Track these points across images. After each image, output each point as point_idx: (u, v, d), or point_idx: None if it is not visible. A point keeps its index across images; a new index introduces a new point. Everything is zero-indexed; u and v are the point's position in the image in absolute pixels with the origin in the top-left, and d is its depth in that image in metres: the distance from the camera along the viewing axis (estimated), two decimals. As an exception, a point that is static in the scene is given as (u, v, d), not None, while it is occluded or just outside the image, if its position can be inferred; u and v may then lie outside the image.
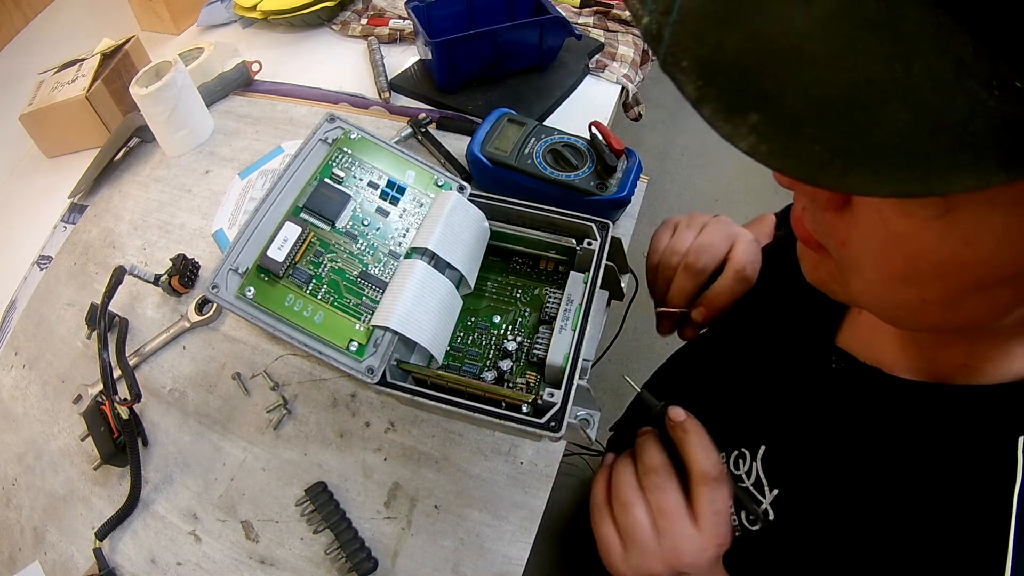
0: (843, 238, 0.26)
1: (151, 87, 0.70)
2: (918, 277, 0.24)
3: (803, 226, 0.29)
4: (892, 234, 0.24)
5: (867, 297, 0.28)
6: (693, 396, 0.55)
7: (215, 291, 0.45)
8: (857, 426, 0.38)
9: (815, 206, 0.27)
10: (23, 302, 0.70)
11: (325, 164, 0.52)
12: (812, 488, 0.38)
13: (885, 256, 0.25)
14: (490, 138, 0.64)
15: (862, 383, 0.38)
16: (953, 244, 0.22)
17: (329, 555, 0.48)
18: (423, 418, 0.54)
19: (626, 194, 0.60)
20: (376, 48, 0.86)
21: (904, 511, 0.33)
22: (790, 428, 0.42)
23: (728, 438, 0.45)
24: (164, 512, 0.53)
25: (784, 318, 0.46)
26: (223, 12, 0.98)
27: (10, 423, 0.61)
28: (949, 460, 0.32)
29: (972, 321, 0.27)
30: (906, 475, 0.34)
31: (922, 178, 0.16)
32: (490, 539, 0.48)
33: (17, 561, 0.53)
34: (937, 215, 0.22)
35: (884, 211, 0.24)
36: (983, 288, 0.24)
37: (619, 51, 0.85)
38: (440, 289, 0.50)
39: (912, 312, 0.27)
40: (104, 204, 0.76)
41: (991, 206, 0.21)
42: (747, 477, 0.42)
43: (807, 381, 0.42)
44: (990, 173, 0.15)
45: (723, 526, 0.37)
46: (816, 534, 0.37)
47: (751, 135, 0.17)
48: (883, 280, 0.26)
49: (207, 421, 0.57)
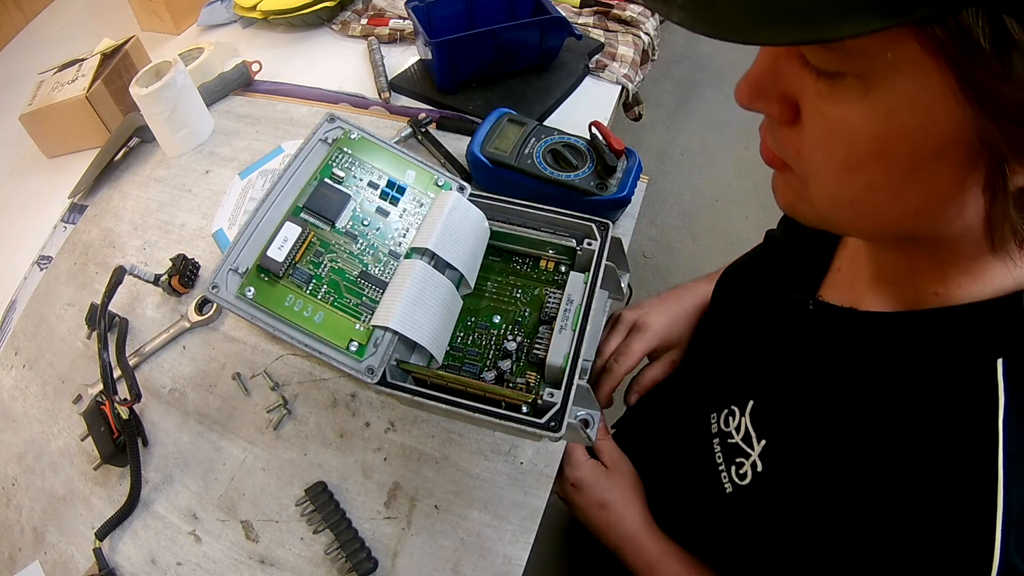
0: (797, 147, 0.30)
1: (151, 87, 0.70)
2: (859, 161, 0.27)
3: (768, 148, 0.33)
4: (830, 124, 0.27)
5: (825, 200, 0.31)
6: (689, 365, 0.60)
7: (215, 291, 0.45)
8: (835, 367, 0.39)
9: (773, 124, 0.31)
10: (23, 302, 0.70)
11: (325, 164, 0.52)
12: (798, 434, 0.39)
13: (829, 147, 0.28)
14: (490, 138, 0.64)
15: (837, 322, 0.40)
16: (878, 118, 0.25)
17: (329, 555, 0.48)
18: (423, 418, 0.54)
19: (626, 194, 0.60)
20: (376, 48, 0.86)
21: (886, 447, 0.33)
22: (775, 379, 0.43)
23: (718, 398, 0.48)
24: (164, 512, 0.53)
25: (769, 283, 0.49)
26: (223, 12, 0.98)
27: (10, 423, 0.61)
28: (928, 389, 0.33)
29: (921, 215, 0.29)
30: (886, 411, 0.34)
31: (814, 29, 0.20)
32: (490, 539, 0.48)
33: (17, 561, 0.53)
34: (860, 96, 0.25)
35: (821, 106, 0.27)
36: (918, 167, 0.26)
37: (619, 51, 0.85)
38: (440, 289, 0.50)
39: (866, 206, 0.29)
40: (104, 204, 0.76)
41: (897, 72, 0.23)
42: (736, 433, 0.44)
43: (787, 330, 0.44)
44: (869, 21, 0.19)
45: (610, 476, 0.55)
46: (804, 480, 0.38)
47: (681, 11, 0.22)
48: (833, 174, 0.29)
49: (207, 421, 0.57)
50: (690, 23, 0.22)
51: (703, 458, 0.46)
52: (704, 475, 0.45)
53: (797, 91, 0.28)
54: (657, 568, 0.51)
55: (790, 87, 0.29)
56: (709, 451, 0.46)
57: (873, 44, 0.23)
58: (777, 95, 0.29)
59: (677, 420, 0.55)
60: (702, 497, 0.46)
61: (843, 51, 0.24)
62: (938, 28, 0.21)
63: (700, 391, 0.52)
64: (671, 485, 0.54)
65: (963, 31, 0.20)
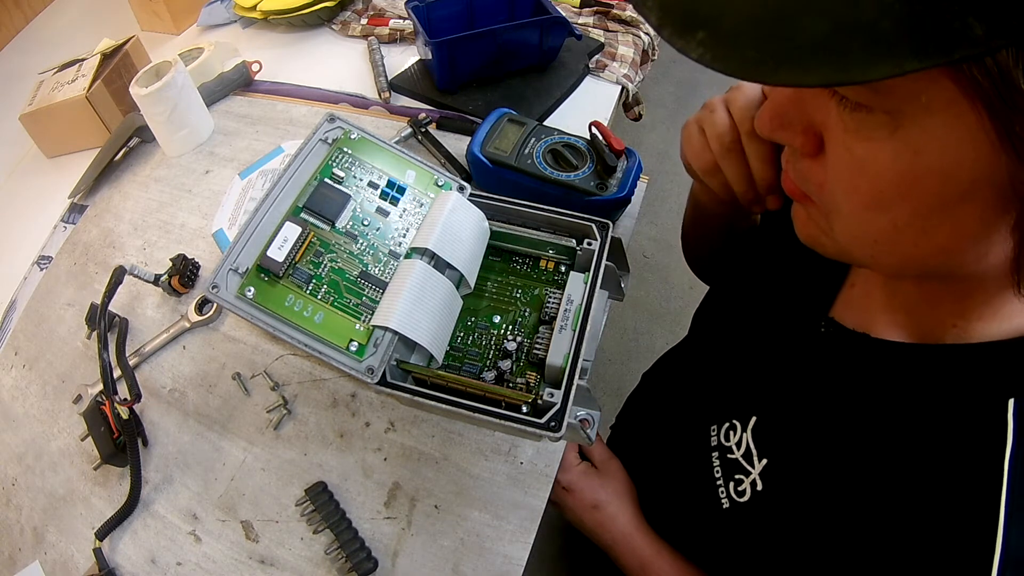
0: (820, 180, 0.29)
1: (151, 87, 0.70)
2: (885, 200, 0.26)
3: (790, 179, 0.32)
4: (856, 161, 0.26)
5: (848, 237, 0.30)
6: (690, 374, 0.58)
7: (215, 291, 0.45)
8: (844, 392, 0.38)
9: (795, 156, 0.30)
10: (23, 302, 0.70)
11: (325, 164, 0.52)
12: (800, 456, 0.38)
13: (854, 184, 0.27)
14: (490, 138, 0.64)
15: (849, 347, 0.39)
16: (906, 157, 0.24)
17: (329, 555, 0.48)
18: (423, 418, 0.54)
19: (626, 194, 0.60)
20: (376, 48, 0.86)
21: (891, 477, 0.33)
22: (780, 397, 0.42)
23: (719, 411, 0.47)
24: (164, 512, 0.53)
25: (780, 295, 0.48)
26: (223, 12, 0.98)
27: (10, 423, 0.61)
28: (937, 423, 0.32)
29: (947, 253, 0.28)
30: (893, 441, 0.34)
31: (843, 69, 0.18)
32: (490, 539, 0.48)
33: (17, 561, 0.53)
34: (889, 133, 0.24)
35: (847, 141, 0.26)
36: (946, 207, 0.25)
37: (619, 51, 0.85)
38: (440, 289, 0.50)
39: (890, 245, 0.29)
40: (104, 204, 0.76)
41: (929, 112, 0.23)
42: (737, 448, 0.43)
43: (796, 349, 0.43)
44: (904, 61, 0.18)
45: (605, 482, 0.56)
46: (804, 503, 0.37)
47: (699, 47, 0.21)
48: (857, 212, 0.28)
49: (207, 421, 0.57)
50: (709, 61, 0.21)
51: (701, 471, 0.45)
52: (701, 488, 0.45)
53: (822, 122, 0.28)
54: (650, 567, 0.51)
55: (815, 117, 0.28)
56: (707, 464, 0.45)
57: (905, 82, 0.22)
58: (801, 125, 0.28)
59: (676, 429, 0.54)
60: (698, 510, 0.46)
61: (872, 88, 0.23)
62: (975, 69, 0.20)
63: (701, 400, 0.51)
64: (667, 495, 0.53)
65: (1002, 73, 0.19)
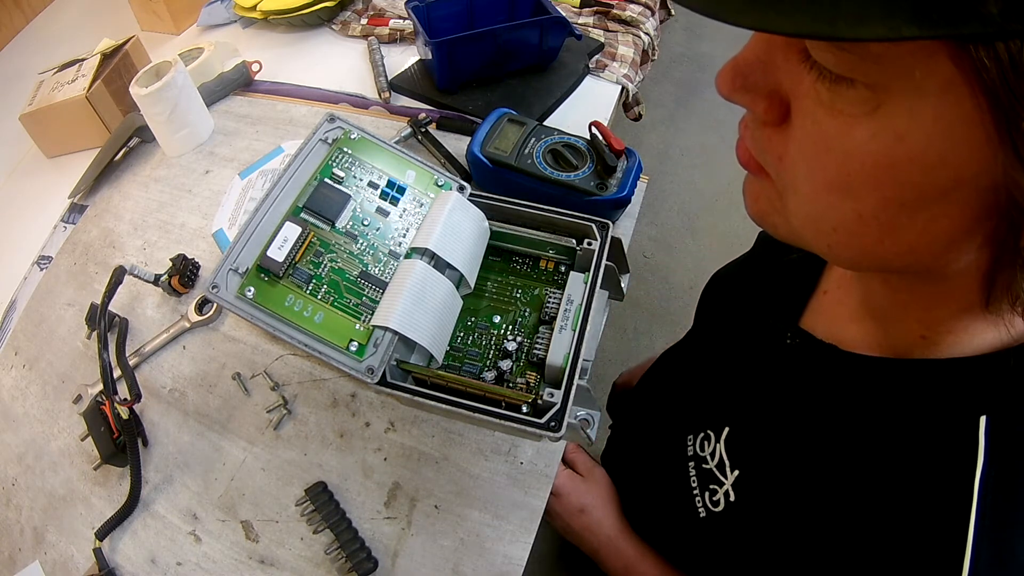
0: (780, 152, 0.26)
1: (151, 87, 0.70)
2: (852, 185, 0.23)
3: (745, 148, 0.28)
4: (825, 136, 0.23)
5: (803, 219, 0.27)
6: (671, 384, 0.59)
7: (215, 291, 0.45)
8: (813, 404, 0.37)
9: (756, 122, 0.27)
10: (23, 302, 0.70)
11: (325, 164, 0.52)
12: (771, 468, 0.38)
13: (820, 161, 0.24)
14: (490, 138, 0.64)
15: (817, 359, 0.38)
16: (885, 140, 0.21)
17: (329, 555, 0.48)
18: (423, 418, 0.54)
19: (626, 194, 0.60)
20: (376, 48, 0.86)
21: (859, 495, 0.32)
22: (750, 409, 0.42)
23: (695, 420, 0.47)
24: (164, 512, 0.53)
25: (751, 306, 0.47)
26: (223, 12, 0.98)
27: (10, 423, 0.61)
28: (906, 441, 0.31)
29: (913, 254, 0.25)
30: (861, 458, 0.33)
31: (829, 20, 0.16)
32: (490, 539, 0.48)
33: (17, 561, 0.53)
34: (868, 111, 0.21)
35: (818, 114, 0.23)
36: (920, 204, 0.22)
37: (619, 51, 0.85)
38: (440, 289, 0.50)
39: (849, 236, 0.25)
40: (104, 204, 0.76)
41: (920, 94, 0.20)
42: (711, 458, 0.43)
43: (766, 360, 0.43)
44: (901, 25, 0.15)
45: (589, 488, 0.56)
46: (775, 514, 0.37)
47: None
48: (818, 192, 0.25)
49: (207, 421, 0.57)
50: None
51: (679, 480, 0.45)
52: (679, 497, 0.45)
53: (790, 89, 0.24)
54: (634, 570, 0.51)
55: (783, 83, 0.24)
56: (685, 474, 0.45)
57: (898, 54, 0.19)
58: (765, 89, 0.25)
59: (656, 438, 0.54)
60: (677, 519, 0.46)
61: (858, 54, 0.20)
62: (983, 50, 0.17)
63: (680, 409, 0.51)
64: (647, 503, 0.54)
65: (1013, 60, 0.16)
